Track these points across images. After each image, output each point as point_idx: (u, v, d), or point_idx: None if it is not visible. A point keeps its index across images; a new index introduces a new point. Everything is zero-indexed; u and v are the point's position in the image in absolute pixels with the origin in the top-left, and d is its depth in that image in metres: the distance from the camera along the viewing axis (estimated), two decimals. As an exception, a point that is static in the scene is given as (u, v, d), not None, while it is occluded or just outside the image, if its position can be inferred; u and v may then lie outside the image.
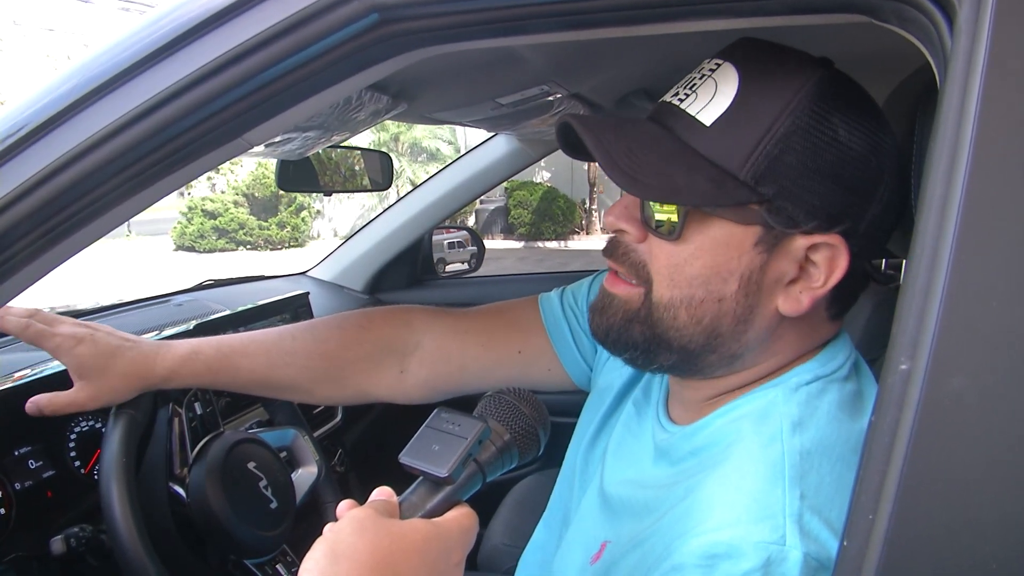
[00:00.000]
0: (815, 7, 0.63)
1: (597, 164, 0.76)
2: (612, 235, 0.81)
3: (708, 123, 0.72)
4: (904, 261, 0.60)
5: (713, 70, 0.74)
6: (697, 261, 0.74)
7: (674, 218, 0.74)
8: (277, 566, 1.22)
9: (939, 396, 0.51)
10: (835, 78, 0.72)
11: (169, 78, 0.71)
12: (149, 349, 1.05)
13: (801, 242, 0.72)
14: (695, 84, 0.75)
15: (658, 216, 0.75)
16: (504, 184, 14.59)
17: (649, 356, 0.80)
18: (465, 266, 2.70)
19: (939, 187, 0.52)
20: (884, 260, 1.44)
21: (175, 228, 16.79)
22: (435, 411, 0.72)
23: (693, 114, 0.73)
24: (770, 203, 0.71)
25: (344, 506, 0.66)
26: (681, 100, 0.75)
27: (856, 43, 0.93)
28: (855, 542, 0.53)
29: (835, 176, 0.71)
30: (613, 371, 1.02)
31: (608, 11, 0.67)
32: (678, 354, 0.78)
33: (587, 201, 16.90)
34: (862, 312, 1.62)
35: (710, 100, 0.73)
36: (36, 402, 1.03)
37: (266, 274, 2.36)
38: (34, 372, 1.20)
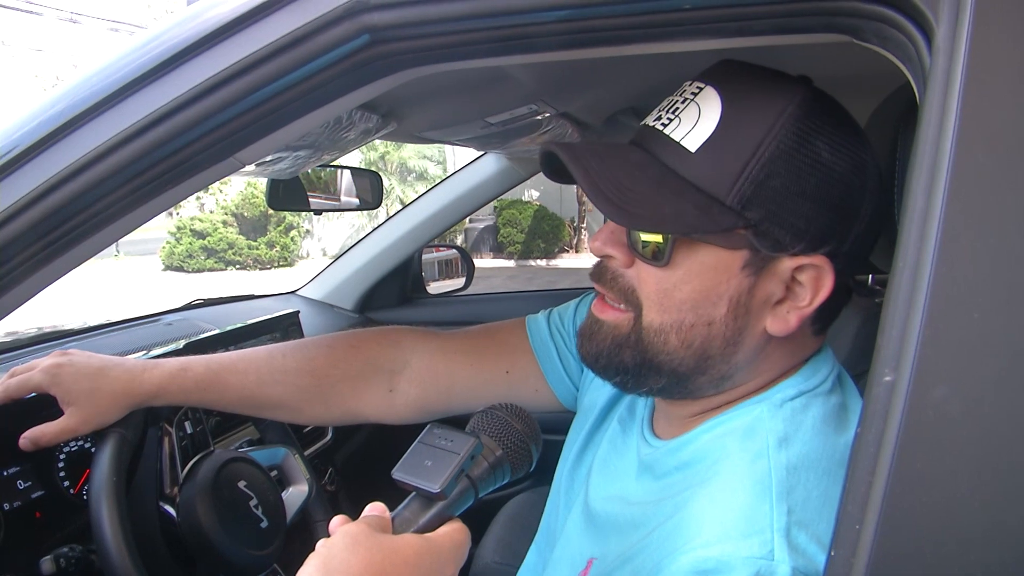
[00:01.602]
0: (798, 27, 0.64)
1: (584, 188, 0.76)
2: (599, 259, 0.81)
3: (693, 149, 0.72)
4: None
5: (695, 93, 0.74)
6: (686, 286, 0.74)
7: (661, 243, 0.74)
8: (268, 585, 1.21)
9: (923, 406, 0.52)
10: (816, 98, 0.73)
11: (161, 98, 0.72)
12: (135, 366, 1.05)
13: (788, 264, 0.73)
14: (678, 108, 0.75)
15: (644, 240, 0.75)
16: (493, 203, 14.62)
17: (639, 380, 0.80)
18: (455, 284, 2.70)
19: (920, 201, 0.53)
20: (871, 276, 1.45)
21: (164, 248, 16.67)
22: (428, 427, 0.72)
23: (678, 140, 0.73)
24: (756, 227, 0.71)
25: (337, 521, 0.66)
26: (664, 125, 0.75)
27: (839, 63, 0.94)
28: (843, 552, 0.53)
29: (820, 198, 0.71)
30: (598, 389, 1.02)
31: (596, 31, 0.68)
32: (668, 377, 0.78)
33: (576, 219, 16.92)
34: (850, 327, 1.63)
35: (694, 125, 0.73)
36: (29, 436, 1.02)
37: (256, 293, 2.35)
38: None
